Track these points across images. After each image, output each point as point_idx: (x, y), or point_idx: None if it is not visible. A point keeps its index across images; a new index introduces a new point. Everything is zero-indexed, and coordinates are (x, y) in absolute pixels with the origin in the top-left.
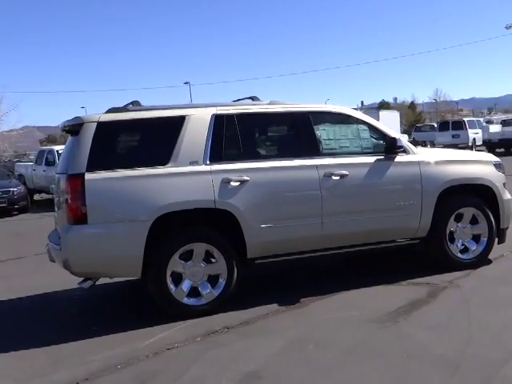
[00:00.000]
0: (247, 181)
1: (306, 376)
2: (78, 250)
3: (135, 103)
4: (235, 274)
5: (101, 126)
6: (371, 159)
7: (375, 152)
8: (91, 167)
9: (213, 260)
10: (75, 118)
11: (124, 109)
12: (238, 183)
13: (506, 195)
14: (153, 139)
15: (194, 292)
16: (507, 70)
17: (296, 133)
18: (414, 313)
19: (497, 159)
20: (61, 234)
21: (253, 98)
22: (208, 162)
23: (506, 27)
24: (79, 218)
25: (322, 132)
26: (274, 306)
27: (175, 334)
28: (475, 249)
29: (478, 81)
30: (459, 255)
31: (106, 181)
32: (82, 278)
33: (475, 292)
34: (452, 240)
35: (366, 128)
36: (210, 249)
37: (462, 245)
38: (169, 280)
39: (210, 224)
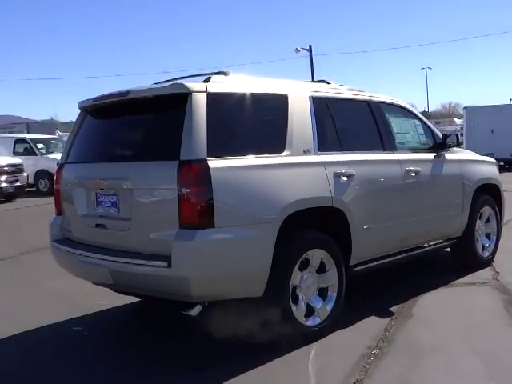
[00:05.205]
0: (354, 175)
1: None
2: (207, 264)
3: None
4: (344, 284)
5: (211, 98)
6: (430, 155)
7: (429, 148)
8: (211, 152)
9: (324, 269)
10: (176, 84)
11: (221, 79)
12: (346, 178)
13: None
14: (265, 119)
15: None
16: None
17: (377, 124)
18: None
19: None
20: (174, 242)
21: (327, 82)
22: (318, 152)
23: (295, 50)
24: (205, 219)
25: (393, 125)
26: (375, 319)
27: (325, 364)
28: (489, 246)
29: None
30: (482, 253)
31: (232, 170)
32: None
33: None
34: (476, 238)
35: (419, 123)
36: (324, 256)
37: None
38: (290, 297)
39: (314, 226)
